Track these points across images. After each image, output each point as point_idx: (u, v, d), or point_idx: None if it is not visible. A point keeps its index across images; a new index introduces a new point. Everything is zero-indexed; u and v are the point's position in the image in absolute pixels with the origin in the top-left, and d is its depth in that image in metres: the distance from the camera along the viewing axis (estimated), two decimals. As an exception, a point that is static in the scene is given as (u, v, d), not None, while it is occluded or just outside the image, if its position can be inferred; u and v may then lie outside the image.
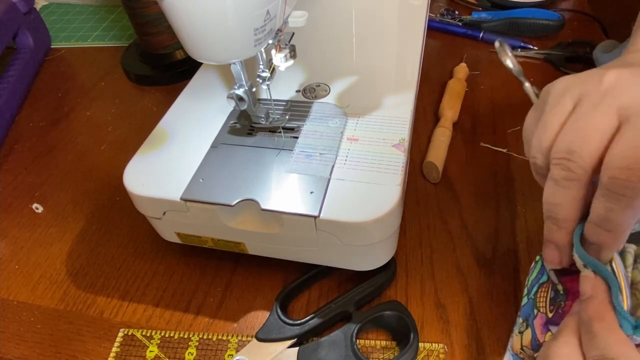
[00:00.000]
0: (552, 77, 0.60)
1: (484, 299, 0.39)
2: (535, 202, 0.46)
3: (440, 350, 0.36)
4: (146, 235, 0.46)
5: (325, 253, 0.37)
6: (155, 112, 0.61)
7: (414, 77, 0.45)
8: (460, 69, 0.60)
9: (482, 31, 0.67)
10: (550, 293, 0.29)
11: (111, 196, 0.51)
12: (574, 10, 0.71)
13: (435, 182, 0.49)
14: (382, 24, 0.52)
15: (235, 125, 0.42)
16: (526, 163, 0.49)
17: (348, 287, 0.40)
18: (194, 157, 0.39)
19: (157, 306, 0.41)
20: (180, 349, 0.38)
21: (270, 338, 0.36)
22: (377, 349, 0.37)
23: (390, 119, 0.40)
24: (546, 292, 0.29)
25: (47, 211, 0.50)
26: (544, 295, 0.29)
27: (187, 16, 0.30)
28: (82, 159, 0.56)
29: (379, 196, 0.34)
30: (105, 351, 0.38)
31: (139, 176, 0.38)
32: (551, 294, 0.29)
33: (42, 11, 0.86)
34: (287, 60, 0.39)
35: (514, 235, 0.43)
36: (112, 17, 0.82)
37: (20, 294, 0.43)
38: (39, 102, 0.65)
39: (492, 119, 0.55)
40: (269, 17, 0.32)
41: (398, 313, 0.37)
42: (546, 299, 0.29)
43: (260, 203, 0.35)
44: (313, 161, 0.38)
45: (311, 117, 0.42)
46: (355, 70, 0.46)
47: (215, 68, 0.49)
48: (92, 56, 0.73)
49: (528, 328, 0.30)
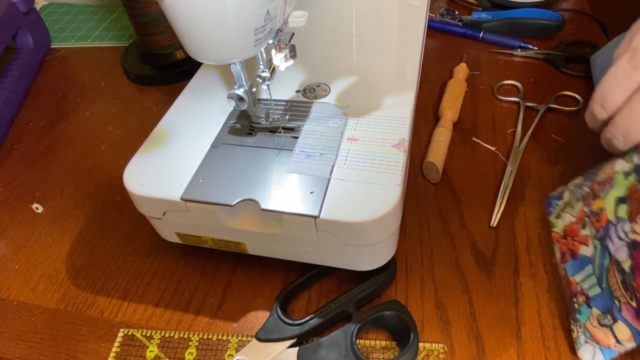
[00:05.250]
0: (552, 77, 0.60)
1: (484, 299, 0.39)
2: (535, 202, 0.46)
3: (440, 350, 0.36)
4: (146, 235, 0.46)
5: (325, 253, 0.37)
6: (155, 112, 0.61)
7: (414, 77, 0.45)
8: (460, 69, 0.60)
9: (482, 31, 0.67)
10: (617, 276, 0.29)
11: (111, 196, 0.51)
12: (574, 10, 0.71)
13: (435, 182, 0.49)
14: (382, 24, 0.52)
15: (235, 125, 0.42)
16: (526, 163, 0.49)
17: (348, 287, 0.40)
18: (194, 157, 0.39)
19: (157, 306, 0.41)
20: (180, 349, 0.38)
21: (270, 338, 0.36)
22: (377, 349, 0.37)
23: (390, 119, 0.40)
24: (614, 276, 0.29)
25: (47, 211, 0.50)
26: (614, 281, 0.29)
27: (187, 16, 0.30)
28: (82, 159, 0.56)
29: (379, 196, 0.34)
30: (105, 351, 0.38)
31: (139, 176, 0.38)
32: (618, 276, 0.29)
33: (42, 11, 0.86)
34: (287, 60, 0.39)
35: (514, 235, 0.43)
36: (112, 17, 0.82)
37: (20, 294, 0.43)
38: (39, 102, 0.65)
39: (492, 119, 0.55)
40: (269, 17, 0.32)
41: (398, 313, 0.37)
42: (618, 285, 0.29)
43: (260, 203, 0.35)
44: (313, 161, 0.38)
45: (311, 117, 0.42)
46: (355, 70, 0.46)
47: (215, 68, 0.49)
48: (92, 56, 0.73)
49: (617, 321, 0.30)
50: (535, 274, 0.40)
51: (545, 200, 0.43)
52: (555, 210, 0.41)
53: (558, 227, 0.39)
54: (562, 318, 0.37)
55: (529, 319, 0.38)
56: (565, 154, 0.50)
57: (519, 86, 0.59)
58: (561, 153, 0.50)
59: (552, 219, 0.41)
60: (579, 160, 0.49)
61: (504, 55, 0.64)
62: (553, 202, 0.41)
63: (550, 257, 0.41)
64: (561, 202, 0.40)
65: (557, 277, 0.40)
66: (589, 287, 0.32)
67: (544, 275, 0.40)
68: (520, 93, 0.58)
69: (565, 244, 0.37)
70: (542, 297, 0.39)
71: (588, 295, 0.32)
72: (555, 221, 0.40)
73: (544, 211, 0.43)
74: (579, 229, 0.36)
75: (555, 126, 0.53)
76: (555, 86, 0.58)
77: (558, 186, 0.47)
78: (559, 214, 0.40)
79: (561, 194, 0.40)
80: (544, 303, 0.38)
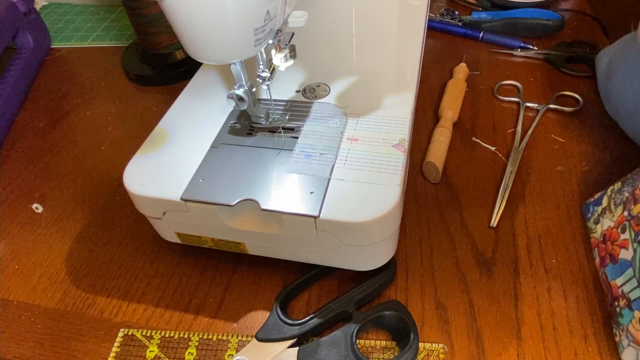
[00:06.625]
0: (552, 77, 0.60)
1: (484, 299, 0.39)
2: (535, 202, 0.46)
3: (440, 350, 0.36)
4: (146, 235, 0.46)
5: (325, 253, 0.37)
6: (155, 112, 0.61)
7: (414, 77, 0.45)
8: (460, 69, 0.60)
9: (482, 31, 0.67)
10: None
11: (111, 196, 0.51)
12: (574, 10, 0.71)
13: (435, 182, 0.49)
14: (382, 24, 0.52)
15: (235, 125, 0.42)
16: (526, 163, 0.49)
17: (348, 287, 0.40)
18: (194, 157, 0.39)
19: (157, 306, 0.41)
20: (180, 349, 0.38)
21: (270, 338, 0.36)
22: (377, 349, 0.37)
23: (390, 119, 0.40)
24: None
25: (47, 211, 0.50)
26: None
27: (187, 16, 0.30)
28: (82, 159, 0.56)
29: (379, 196, 0.34)
30: (105, 351, 0.38)
31: (139, 176, 0.38)
32: None
33: (42, 11, 0.86)
34: (287, 60, 0.39)
35: (514, 235, 0.43)
36: (112, 17, 0.82)
37: (20, 294, 0.43)
38: (39, 102, 0.65)
39: (492, 119, 0.55)
40: (269, 17, 0.32)
41: (398, 313, 0.37)
42: None
43: (260, 203, 0.35)
44: (313, 161, 0.38)
45: (311, 117, 0.42)
46: (355, 70, 0.46)
47: (215, 68, 0.49)
48: (92, 56, 0.73)
49: None
50: (535, 274, 0.40)
51: (583, 207, 0.44)
52: (593, 216, 0.41)
53: (597, 232, 0.40)
54: (563, 318, 0.38)
55: (529, 319, 0.38)
56: (565, 154, 0.50)
57: (519, 86, 0.59)
58: (561, 153, 0.50)
59: (591, 225, 0.41)
60: (579, 161, 0.49)
61: (504, 55, 0.64)
62: (591, 208, 0.42)
63: (550, 257, 0.41)
64: (599, 207, 0.40)
65: (557, 277, 0.40)
66: (630, 290, 0.33)
67: (544, 275, 0.40)
68: (520, 93, 0.58)
69: (605, 249, 0.38)
70: (542, 297, 0.39)
71: (629, 298, 0.33)
72: (594, 226, 0.41)
73: (582, 217, 0.44)
74: (618, 233, 0.36)
75: (555, 126, 0.53)
76: (555, 86, 0.58)
77: (556, 184, 0.47)
78: (597, 219, 0.40)
79: (599, 200, 0.41)
80: (544, 303, 0.38)
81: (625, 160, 0.49)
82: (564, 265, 0.41)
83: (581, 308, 0.38)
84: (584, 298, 0.39)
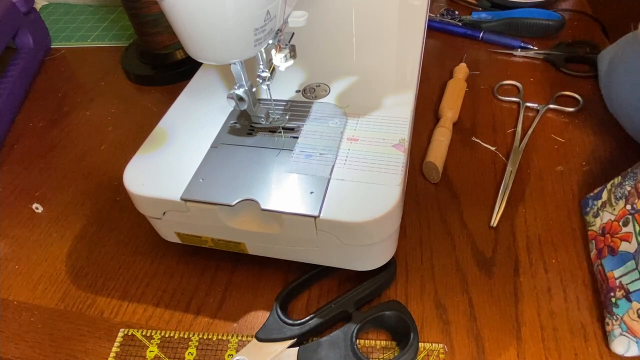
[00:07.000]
0: (552, 77, 0.60)
1: (484, 299, 0.39)
2: (535, 202, 0.46)
3: (440, 350, 0.36)
4: (146, 235, 0.46)
5: (325, 253, 0.37)
6: (155, 112, 0.61)
7: (414, 77, 0.45)
8: (460, 69, 0.60)
9: (482, 31, 0.67)
10: None
11: (111, 196, 0.51)
12: (574, 10, 0.71)
13: (435, 182, 0.49)
14: (382, 24, 0.52)
15: (235, 125, 0.42)
16: (526, 163, 0.49)
17: (348, 287, 0.40)
18: (194, 157, 0.39)
19: (157, 306, 0.41)
20: (180, 349, 0.38)
21: (270, 338, 0.36)
22: (377, 349, 0.37)
23: (390, 119, 0.40)
24: None
25: (47, 211, 0.50)
26: None
27: (187, 16, 0.30)
28: (82, 159, 0.56)
29: (379, 196, 0.34)
30: (105, 351, 0.38)
31: (139, 176, 0.38)
32: None
33: (42, 11, 0.86)
34: (287, 60, 0.39)
35: (514, 235, 0.43)
36: (112, 17, 0.82)
37: (20, 294, 0.43)
38: (39, 102, 0.65)
39: (492, 119, 0.55)
40: (269, 17, 0.32)
41: (398, 313, 0.37)
42: None
43: (260, 203, 0.35)
44: (313, 161, 0.38)
45: (311, 117, 0.42)
46: (355, 70, 0.46)
47: (215, 68, 0.49)
48: (92, 56, 0.73)
49: None
50: (535, 274, 0.40)
51: (582, 201, 0.44)
52: (592, 210, 0.42)
53: (596, 226, 0.40)
54: (563, 318, 0.37)
55: (529, 319, 0.38)
56: (565, 154, 0.50)
57: (519, 86, 0.58)
58: (561, 153, 0.50)
59: (589, 218, 0.42)
60: (579, 160, 0.49)
61: (504, 55, 0.64)
62: (590, 202, 0.42)
63: (550, 257, 0.41)
64: (599, 201, 0.41)
65: (557, 277, 0.40)
66: (630, 281, 0.34)
67: (544, 275, 0.40)
68: (520, 93, 0.58)
69: (603, 241, 0.38)
70: (542, 297, 0.39)
71: (628, 289, 0.34)
72: (593, 220, 0.41)
73: (580, 211, 0.44)
74: (620, 226, 0.37)
75: (555, 126, 0.53)
76: (555, 86, 0.58)
77: (556, 184, 0.47)
78: (596, 212, 0.41)
79: (599, 194, 0.41)
80: (544, 303, 0.38)
81: (626, 160, 0.49)
82: (564, 265, 0.41)
83: (581, 308, 0.38)
84: (584, 298, 0.39)
